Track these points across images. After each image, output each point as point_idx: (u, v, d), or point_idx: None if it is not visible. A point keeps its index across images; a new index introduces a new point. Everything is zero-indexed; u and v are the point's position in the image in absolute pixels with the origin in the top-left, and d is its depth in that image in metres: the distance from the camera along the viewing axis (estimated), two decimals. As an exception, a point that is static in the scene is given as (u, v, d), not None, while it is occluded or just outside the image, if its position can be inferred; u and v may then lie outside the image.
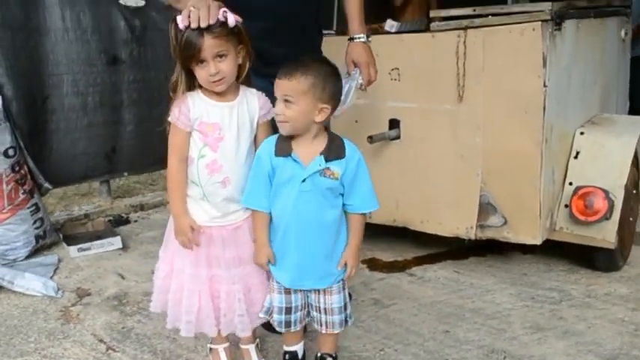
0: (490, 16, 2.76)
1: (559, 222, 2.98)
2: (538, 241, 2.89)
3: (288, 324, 2.12)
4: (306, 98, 1.90)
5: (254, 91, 2.10)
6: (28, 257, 3.51)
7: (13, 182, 3.47)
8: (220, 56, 1.94)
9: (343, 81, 2.17)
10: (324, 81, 1.91)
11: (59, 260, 3.51)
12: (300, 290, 2.09)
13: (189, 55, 1.92)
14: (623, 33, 3.65)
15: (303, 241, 1.99)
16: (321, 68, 1.94)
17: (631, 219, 3.20)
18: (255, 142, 2.09)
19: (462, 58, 2.83)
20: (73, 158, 4.04)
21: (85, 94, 3.98)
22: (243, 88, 2.08)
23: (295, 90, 1.89)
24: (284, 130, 1.95)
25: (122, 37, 4.09)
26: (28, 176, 3.61)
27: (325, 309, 2.08)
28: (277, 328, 2.14)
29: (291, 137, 1.97)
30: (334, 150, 1.96)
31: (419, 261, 3.38)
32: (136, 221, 4.30)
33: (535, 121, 2.73)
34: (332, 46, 2.50)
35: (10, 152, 3.45)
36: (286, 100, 1.90)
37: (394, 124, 3.13)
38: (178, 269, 2.12)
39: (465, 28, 2.81)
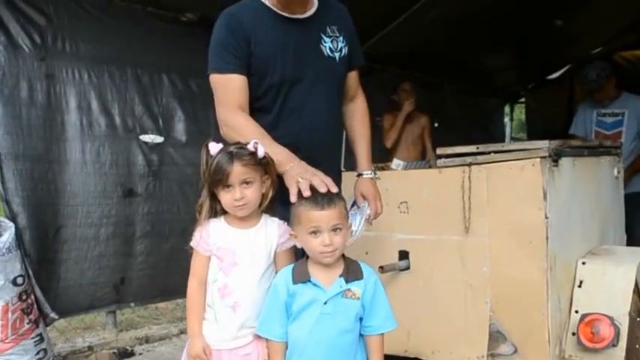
0: (492, 153, 2.94)
1: (568, 350, 3.00)
2: (548, 369, 2.92)
3: None
4: (346, 221, 2.03)
5: (276, 219, 2.19)
6: (26, 391, 3.41)
7: (19, 311, 3.44)
8: (247, 183, 2.07)
9: (351, 213, 2.34)
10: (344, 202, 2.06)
11: (60, 394, 3.46)
12: None
13: (217, 179, 2.06)
14: (615, 171, 3.85)
15: None
16: (336, 193, 2.07)
17: (637, 347, 3.22)
18: (276, 271, 2.15)
19: (468, 192, 2.98)
20: (80, 288, 4.06)
21: (98, 225, 4.08)
22: (265, 217, 2.17)
23: (342, 215, 2.00)
24: (333, 258, 2.01)
25: (139, 171, 4.26)
26: (35, 305, 3.59)
27: None
28: None
29: (306, 264, 2.06)
30: (352, 272, 2.04)
31: (431, 394, 3.34)
32: (141, 354, 4.28)
33: (539, 251, 2.84)
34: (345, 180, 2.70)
35: (19, 281, 3.46)
36: (338, 229, 1.98)
37: (403, 255, 3.22)
38: None
39: (470, 165, 2.98)
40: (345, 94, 2.66)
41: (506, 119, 9.29)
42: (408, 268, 3.22)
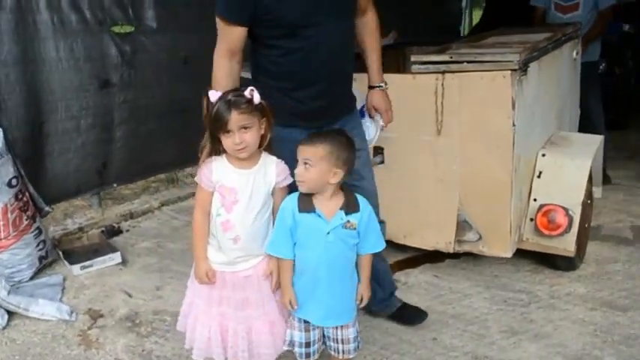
0: (465, 63, 3.08)
1: (525, 233, 3.38)
2: (509, 255, 3.29)
3: (307, 355, 2.44)
4: (322, 163, 2.21)
5: (274, 158, 2.36)
6: (32, 278, 3.67)
7: (17, 210, 3.62)
8: (245, 128, 2.21)
9: (368, 121, 2.82)
10: (339, 150, 2.23)
11: (64, 279, 3.69)
12: (319, 326, 2.41)
13: (218, 125, 2.21)
14: (574, 54, 4.03)
15: (332, 285, 2.31)
16: (338, 139, 2.26)
17: (586, 225, 3.62)
18: (274, 206, 2.37)
19: (441, 97, 3.16)
20: (66, 176, 4.31)
21: (78, 117, 4.23)
22: (264, 155, 2.34)
23: (315, 155, 2.20)
24: (301, 188, 2.26)
25: (113, 62, 4.34)
26: (30, 202, 3.77)
27: (342, 340, 2.42)
28: (298, 359, 2.46)
29: (311, 195, 2.28)
30: (351, 205, 2.29)
31: (401, 265, 3.71)
32: (127, 230, 4.51)
33: (506, 155, 3.10)
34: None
35: (14, 182, 3.60)
36: (306, 163, 2.21)
37: (378, 150, 3.44)
38: (196, 302, 2.46)
39: (443, 72, 3.13)
40: (355, 10, 2.71)
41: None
42: (382, 162, 3.47)
